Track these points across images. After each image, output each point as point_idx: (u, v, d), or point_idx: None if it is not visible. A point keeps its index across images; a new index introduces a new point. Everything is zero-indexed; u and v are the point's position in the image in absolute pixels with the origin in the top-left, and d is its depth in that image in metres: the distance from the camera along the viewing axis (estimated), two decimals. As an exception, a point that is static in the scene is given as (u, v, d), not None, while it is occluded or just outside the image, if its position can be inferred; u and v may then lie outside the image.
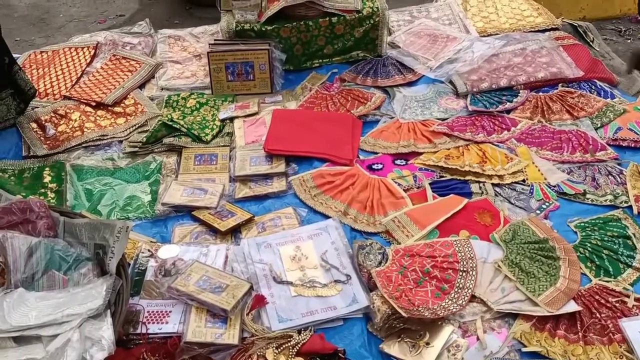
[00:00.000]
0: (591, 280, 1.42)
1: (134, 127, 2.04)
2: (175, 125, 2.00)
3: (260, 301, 1.35)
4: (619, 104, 2.03)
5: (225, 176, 1.83)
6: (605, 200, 1.65)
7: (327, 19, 2.30)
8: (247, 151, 1.90)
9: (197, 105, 2.16)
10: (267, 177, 1.81)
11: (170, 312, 1.31)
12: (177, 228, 1.64)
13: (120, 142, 2.00)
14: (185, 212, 1.69)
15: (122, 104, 2.17)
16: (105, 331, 1.15)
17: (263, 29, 2.28)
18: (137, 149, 1.95)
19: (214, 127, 2.03)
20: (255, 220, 1.65)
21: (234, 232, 1.61)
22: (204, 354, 1.22)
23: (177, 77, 2.34)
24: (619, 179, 1.72)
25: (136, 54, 2.44)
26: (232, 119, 2.07)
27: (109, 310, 1.20)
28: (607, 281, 1.41)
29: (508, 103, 2.08)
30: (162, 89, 2.28)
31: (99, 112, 2.13)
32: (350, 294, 1.39)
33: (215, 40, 2.33)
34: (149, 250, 1.49)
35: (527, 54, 2.27)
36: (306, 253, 1.50)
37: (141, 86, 2.29)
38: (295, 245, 1.53)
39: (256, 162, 1.85)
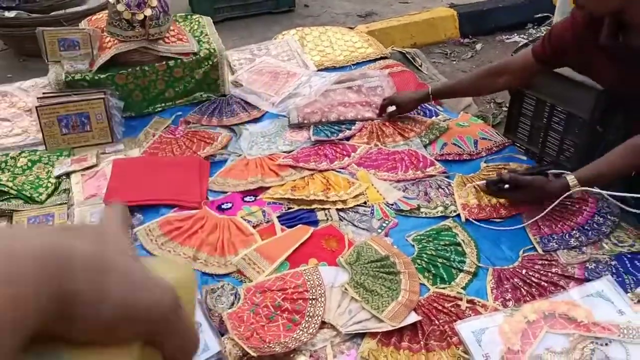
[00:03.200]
0: (429, 289, 1.52)
1: (-46, 195, 1.86)
2: (3, 189, 1.85)
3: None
4: (443, 121, 2.23)
5: (63, 236, 1.72)
6: (437, 212, 1.79)
7: (164, 62, 2.28)
8: (87, 207, 1.81)
9: (29, 164, 2.02)
10: (110, 231, 1.73)
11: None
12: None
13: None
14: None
15: (-60, 171, 1.97)
16: None
17: (96, 77, 2.20)
18: (-42, 218, 1.78)
19: (49, 185, 1.91)
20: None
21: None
22: None
23: (5, 135, 2.18)
24: (447, 190, 1.88)
25: (-46, 115, 2.23)
26: (68, 175, 1.96)
27: None
28: (443, 288, 1.52)
29: (347, 131, 2.20)
30: (-13, 150, 2.11)
31: None
32: (201, 341, 1.36)
33: (44, 93, 2.21)
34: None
35: (362, 91, 2.42)
36: (153, 306, 1.44)
37: (-38, 149, 2.10)
38: (141, 299, 1.46)
39: (96, 217, 1.76)
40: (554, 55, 1.81)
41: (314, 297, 1.47)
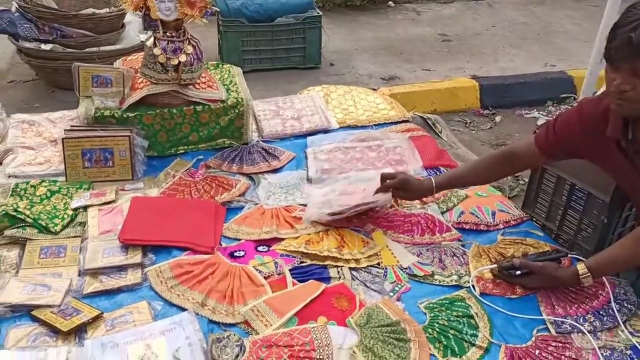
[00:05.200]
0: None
1: (-30, 219, 1.87)
2: (19, 216, 1.85)
3: (102, 409, 1.24)
4: (462, 190, 2.23)
5: (74, 270, 1.71)
6: (451, 281, 1.77)
7: (192, 107, 2.33)
8: (100, 242, 1.80)
9: (48, 194, 2.03)
10: (121, 269, 1.72)
11: None
12: (12, 331, 1.48)
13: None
14: (24, 311, 1.53)
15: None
16: None
17: (125, 115, 2.25)
18: (-28, 242, 1.77)
19: (65, 216, 1.91)
20: (104, 318, 1.54)
21: (79, 332, 1.48)
22: None
23: (28, 163, 2.20)
24: (462, 259, 1.86)
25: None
26: (86, 208, 1.97)
27: None
28: (454, 360, 1.48)
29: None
30: (9, 176, 2.13)
31: None
32: (203, 392, 1.32)
33: (72, 126, 2.25)
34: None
35: (381, 150, 2.44)
36: (157, 351, 1.42)
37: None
38: (145, 343, 1.43)
39: (109, 254, 1.76)
40: (557, 145, 1.74)
41: (320, 357, 1.44)
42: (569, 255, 1.78)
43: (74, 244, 1.81)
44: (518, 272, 1.71)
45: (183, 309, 1.59)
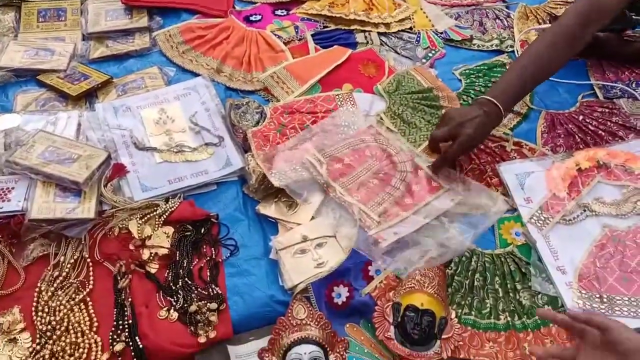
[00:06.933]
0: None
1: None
2: (9, -25, 1.65)
3: (120, 170, 1.20)
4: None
5: (77, 34, 1.57)
6: (492, 45, 1.59)
7: None
8: (101, 3, 1.62)
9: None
10: (127, 33, 1.57)
11: (12, 188, 1.13)
12: (19, 95, 1.39)
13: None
14: (29, 76, 1.43)
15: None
16: None
17: None
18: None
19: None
20: (114, 83, 1.44)
21: (89, 97, 1.40)
22: (55, 230, 1.08)
23: None
24: (506, 22, 1.66)
25: None
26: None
27: None
28: (488, 127, 1.38)
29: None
30: None
31: None
32: (223, 156, 1.27)
33: None
34: (-17, 123, 1.27)
35: None
36: (172, 115, 1.34)
37: None
38: (159, 107, 1.35)
39: (113, 16, 1.59)
40: None
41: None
42: None
43: (73, 6, 1.63)
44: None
45: (197, 75, 1.48)
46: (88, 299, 1.02)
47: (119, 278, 1.05)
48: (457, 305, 1.04)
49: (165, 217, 1.14)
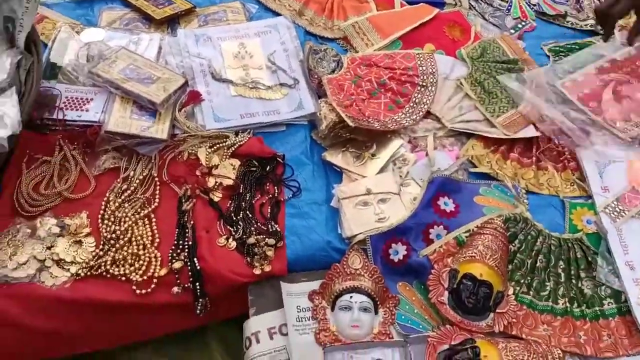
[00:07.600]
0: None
1: None
2: None
3: (196, 97, 1.21)
4: None
5: (165, -41, 1.57)
6: (586, 25, 1.51)
7: None
8: None
9: None
10: (214, -36, 1.56)
11: (91, 99, 1.16)
12: (105, 12, 1.42)
13: None
14: (115, -5, 1.45)
15: None
16: (10, 108, 0.99)
17: None
18: None
19: None
20: (196, 12, 1.44)
21: (171, 22, 1.40)
22: (128, 146, 1.10)
23: None
24: (605, 3, 1.56)
25: None
26: None
27: (14, 87, 1.03)
28: (572, 109, 1.32)
29: None
30: None
31: None
32: (297, 99, 1.25)
33: None
34: (70, 32, 1.29)
35: None
36: (251, 51, 1.33)
37: None
38: (239, 41, 1.34)
39: None
40: None
41: (424, 84, 1.31)
42: None
43: None
44: None
45: (278, 15, 1.46)
46: (152, 215, 1.04)
47: (183, 200, 1.06)
48: (515, 283, 1.01)
49: (233, 149, 1.15)
